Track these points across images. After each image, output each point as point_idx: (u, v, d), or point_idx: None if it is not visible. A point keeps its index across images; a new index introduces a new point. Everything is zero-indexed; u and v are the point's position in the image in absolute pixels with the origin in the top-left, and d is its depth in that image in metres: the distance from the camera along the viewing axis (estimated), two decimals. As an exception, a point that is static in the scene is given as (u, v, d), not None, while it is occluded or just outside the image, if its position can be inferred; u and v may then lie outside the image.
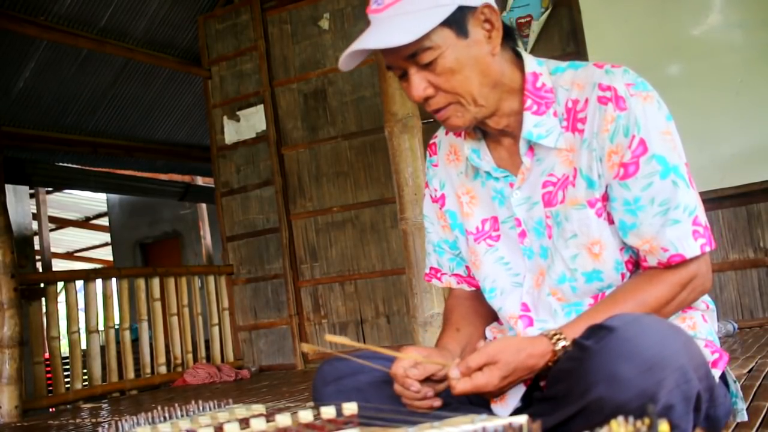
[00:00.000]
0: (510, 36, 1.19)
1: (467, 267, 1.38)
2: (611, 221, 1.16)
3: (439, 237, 1.40)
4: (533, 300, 1.22)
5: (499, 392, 1.09)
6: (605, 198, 1.15)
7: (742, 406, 1.22)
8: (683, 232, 1.10)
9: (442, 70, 1.11)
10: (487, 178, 1.26)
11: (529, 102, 1.17)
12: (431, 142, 1.40)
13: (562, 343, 1.07)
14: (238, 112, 5.99)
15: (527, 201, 1.21)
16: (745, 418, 1.25)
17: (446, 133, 1.36)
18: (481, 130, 1.26)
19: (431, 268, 1.43)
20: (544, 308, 1.21)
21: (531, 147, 1.19)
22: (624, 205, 1.12)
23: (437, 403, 1.13)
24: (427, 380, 1.13)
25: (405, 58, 1.11)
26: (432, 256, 1.42)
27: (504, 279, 1.26)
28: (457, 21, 1.10)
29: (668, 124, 1.13)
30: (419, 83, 1.13)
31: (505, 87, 1.17)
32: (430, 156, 1.39)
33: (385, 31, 1.09)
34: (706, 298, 1.24)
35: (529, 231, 1.22)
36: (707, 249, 1.11)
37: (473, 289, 1.39)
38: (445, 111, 1.16)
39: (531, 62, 1.19)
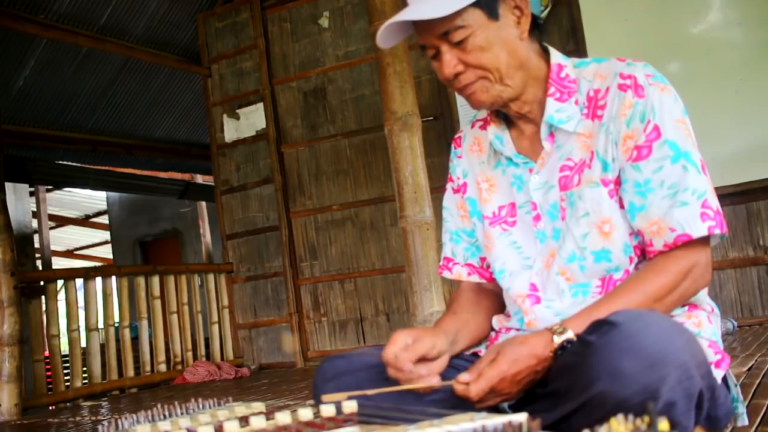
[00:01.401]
0: (538, 29, 1.25)
1: (481, 258, 1.40)
2: (622, 206, 1.19)
3: (457, 226, 1.44)
4: (542, 280, 1.25)
5: (516, 390, 1.09)
6: (617, 182, 1.19)
7: (742, 410, 1.22)
8: (691, 213, 1.12)
9: (473, 47, 1.18)
10: (508, 165, 1.31)
11: (552, 89, 1.23)
12: (456, 136, 1.47)
13: (564, 336, 1.07)
14: (237, 110, 5.99)
15: (544, 185, 1.25)
16: (746, 422, 1.25)
17: (471, 127, 1.42)
18: (504, 120, 1.32)
19: (444, 258, 1.46)
20: (551, 287, 1.23)
21: (551, 133, 1.24)
22: (634, 187, 1.16)
23: (435, 380, 1.15)
24: (422, 361, 1.16)
25: (438, 36, 1.18)
26: (447, 245, 1.46)
27: (514, 261, 1.30)
28: (489, 4, 1.18)
29: (683, 116, 1.17)
30: (450, 60, 1.19)
31: (531, 73, 1.23)
32: (455, 148, 1.45)
33: (422, 7, 1.16)
34: (711, 301, 1.25)
35: (544, 214, 1.26)
36: (717, 231, 1.12)
37: (483, 281, 1.41)
38: (472, 86, 1.22)
39: (557, 55, 1.26)
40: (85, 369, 5.09)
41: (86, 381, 5.02)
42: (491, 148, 1.34)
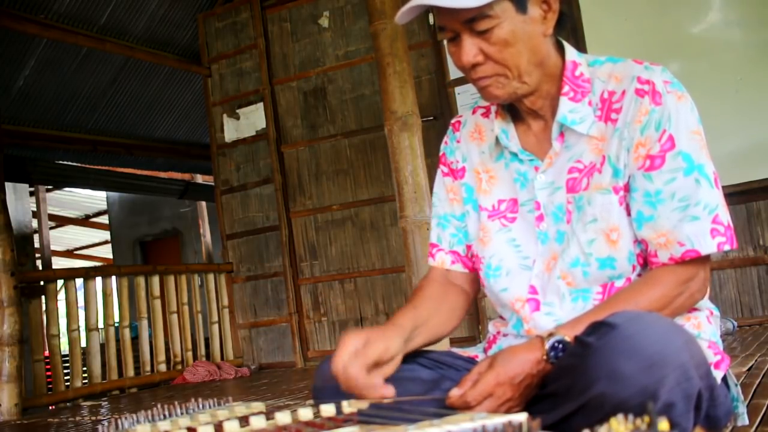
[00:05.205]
0: (561, 24, 1.22)
1: (468, 246, 1.36)
2: (629, 214, 1.17)
3: (445, 210, 1.39)
4: (542, 283, 1.22)
5: (518, 394, 1.07)
6: (627, 189, 1.17)
7: (742, 409, 1.22)
8: (701, 228, 1.10)
9: (497, 40, 1.14)
10: (512, 160, 1.28)
11: (566, 88, 1.20)
12: (455, 120, 1.42)
13: (553, 338, 1.06)
14: (237, 110, 5.99)
15: (550, 186, 1.22)
16: (746, 422, 1.24)
17: (473, 113, 1.39)
18: (510, 113, 1.29)
19: (430, 245, 1.41)
20: (552, 291, 1.21)
21: (561, 133, 1.21)
22: (644, 197, 1.14)
23: (388, 390, 1.08)
24: (376, 366, 1.10)
25: (462, 22, 1.14)
26: (434, 231, 1.41)
27: (512, 260, 1.26)
28: None
29: (698, 126, 1.16)
30: (470, 49, 1.15)
31: (547, 69, 1.20)
32: (454, 132, 1.41)
33: None
34: (710, 305, 1.25)
35: (548, 215, 1.23)
36: (726, 248, 1.11)
37: (466, 271, 1.37)
38: (487, 79, 1.18)
39: (572, 52, 1.24)
40: (85, 369, 5.09)
41: (86, 381, 5.02)
42: (494, 139, 1.31)
